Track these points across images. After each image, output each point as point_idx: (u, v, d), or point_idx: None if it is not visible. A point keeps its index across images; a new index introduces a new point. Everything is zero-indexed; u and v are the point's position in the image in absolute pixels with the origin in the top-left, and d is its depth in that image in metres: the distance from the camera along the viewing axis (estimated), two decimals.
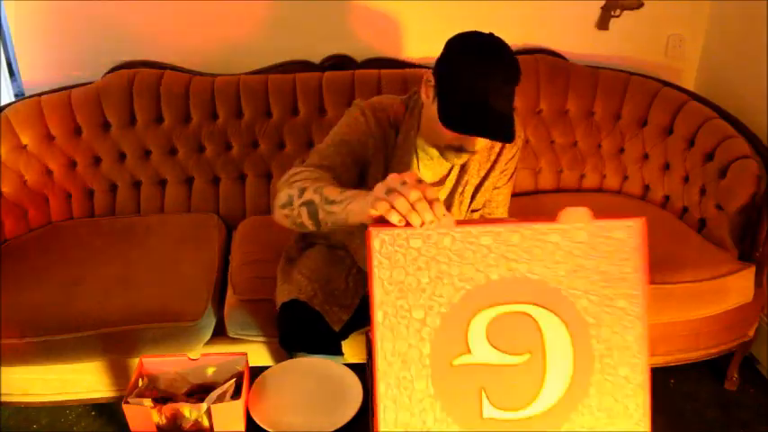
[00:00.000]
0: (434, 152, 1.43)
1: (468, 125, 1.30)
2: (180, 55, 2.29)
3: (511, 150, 1.54)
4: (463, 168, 1.52)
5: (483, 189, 1.56)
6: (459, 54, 1.32)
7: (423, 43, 2.36)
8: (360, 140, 1.43)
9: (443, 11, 2.32)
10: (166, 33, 2.28)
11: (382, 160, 1.47)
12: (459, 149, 1.37)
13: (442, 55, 1.36)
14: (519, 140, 1.55)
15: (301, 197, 1.19)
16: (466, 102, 1.29)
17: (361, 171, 1.45)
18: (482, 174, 1.55)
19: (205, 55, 2.31)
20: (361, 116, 1.45)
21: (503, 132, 1.30)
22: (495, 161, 1.54)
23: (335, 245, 1.71)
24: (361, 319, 1.52)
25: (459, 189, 1.53)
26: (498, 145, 1.52)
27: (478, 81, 1.28)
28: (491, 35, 1.33)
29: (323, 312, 1.52)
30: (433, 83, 1.36)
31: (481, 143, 1.38)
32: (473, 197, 1.56)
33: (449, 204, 1.54)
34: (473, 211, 1.58)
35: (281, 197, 1.25)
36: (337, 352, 1.57)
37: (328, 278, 1.59)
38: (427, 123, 1.41)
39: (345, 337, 1.59)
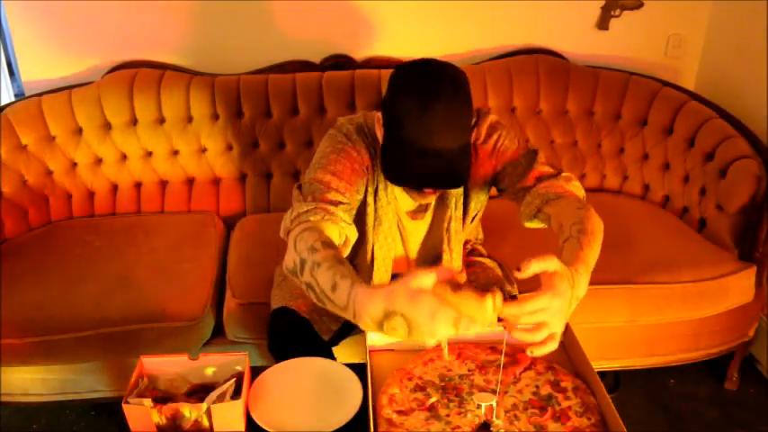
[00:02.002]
0: None
1: (407, 179, 1.24)
2: (180, 55, 2.29)
3: (492, 140, 1.42)
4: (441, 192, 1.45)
5: (472, 194, 1.48)
6: (397, 98, 1.23)
7: (423, 43, 2.36)
8: (354, 172, 1.35)
9: (443, 11, 2.32)
10: (166, 33, 2.28)
11: (371, 188, 1.42)
12: (420, 193, 1.33)
13: (386, 94, 1.28)
14: (485, 126, 1.42)
15: (302, 274, 1.11)
16: (403, 153, 1.22)
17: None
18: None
19: (205, 55, 2.31)
20: (347, 144, 1.37)
21: (445, 180, 1.24)
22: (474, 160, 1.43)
23: None
24: (352, 327, 1.51)
25: (448, 211, 1.47)
26: None
27: (417, 130, 1.20)
28: (430, 67, 1.24)
29: (312, 321, 1.51)
30: (381, 122, 1.30)
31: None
32: (465, 206, 1.49)
33: (438, 228, 1.49)
34: (474, 217, 1.52)
35: (288, 261, 1.17)
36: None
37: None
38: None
39: (336, 344, 1.58)
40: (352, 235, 1.29)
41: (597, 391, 1.18)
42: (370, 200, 1.43)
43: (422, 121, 1.19)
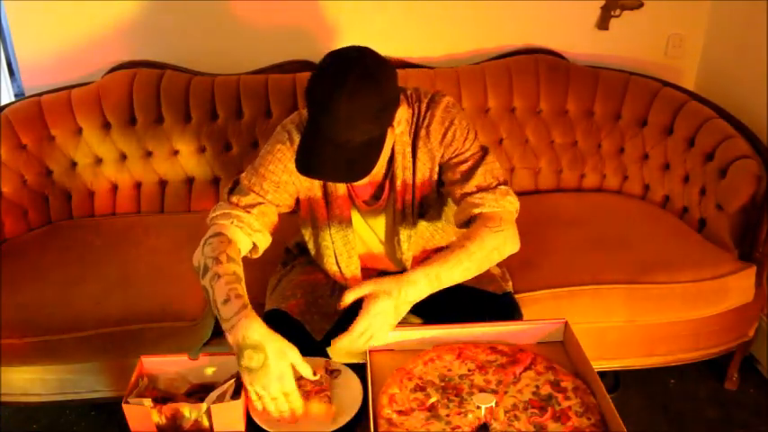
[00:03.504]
0: None
1: (302, 168, 1.23)
2: (180, 55, 2.29)
3: (437, 134, 1.40)
4: (392, 177, 1.45)
5: (419, 185, 1.45)
6: (307, 87, 1.23)
7: (423, 43, 2.37)
8: (285, 171, 1.39)
9: (443, 11, 2.32)
10: (166, 33, 2.28)
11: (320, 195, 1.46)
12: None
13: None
14: (440, 110, 1.40)
15: (203, 278, 1.24)
16: (305, 141, 1.24)
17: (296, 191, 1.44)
18: (409, 171, 1.44)
19: (205, 55, 2.31)
20: (286, 143, 1.40)
21: (340, 173, 1.24)
22: (416, 142, 1.42)
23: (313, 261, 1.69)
24: (345, 327, 1.50)
25: (399, 197, 1.46)
26: (412, 125, 1.41)
27: (317, 119, 1.21)
28: (341, 56, 1.24)
29: (303, 322, 1.50)
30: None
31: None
32: (414, 202, 1.47)
33: (400, 223, 1.48)
34: (420, 216, 1.50)
35: (195, 260, 1.30)
36: None
37: (314, 286, 1.57)
38: None
39: (328, 344, 1.57)
40: (262, 242, 1.38)
41: (597, 391, 1.18)
42: (319, 192, 1.46)
43: (324, 111, 1.19)
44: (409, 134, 1.43)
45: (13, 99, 2.79)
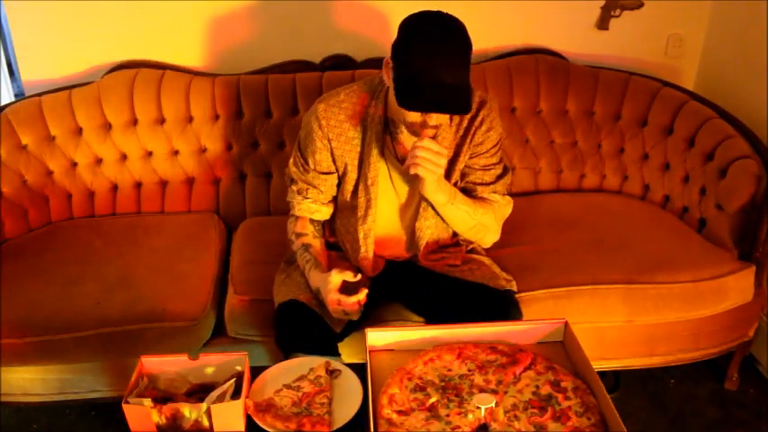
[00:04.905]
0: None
1: (420, 103, 1.38)
2: (180, 55, 2.29)
3: (482, 131, 1.59)
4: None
5: (456, 167, 1.61)
6: (409, 35, 1.39)
7: None
8: (319, 151, 1.59)
9: (443, 11, 2.31)
10: (166, 33, 2.28)
11: (355, 160, 1.59)
12: (423, 125, 1.44)
13: (397, 38, 1.42)
14: (489, 114, 1.60)
15: (292, 246, 1.67)
16: (417, 80, 1.36)
17: (339, 170, 1.63)
18: (452, 150, 1.59)
19: (205, 55, 2.31)
20: (315, 124, 1.57)
21: (455, 105, 1.38)
22: (465, 138, 1.59)
23: (335, 245, 1.71)
24: (360, 319, 1.52)
25: None
26: (464, 120, 1.58)
27: (428, 59, 1.34)
28: (439, 13, 1.41)
29: (322, 314, 1.52)
30: (391, 64, 1.44)
31: (442, 117, 1.49)
32: (447, 173, 1.59)
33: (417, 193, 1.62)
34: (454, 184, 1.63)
35: (288, 233, 1.70)
36: (334, 353, 1.56)
37: None
38: (392, 105, 1.49)
39: (343, 338, 1.59)
40: (322, 215, 1.67)
41: (597, 391, 1.18)
42: (366, 150, 1.58)
43: (436, 54, 1.35)
44: (459, 126, 1.59)
45: (13, 99, 2.79)
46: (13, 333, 1.68)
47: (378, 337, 1.33)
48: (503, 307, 1.56)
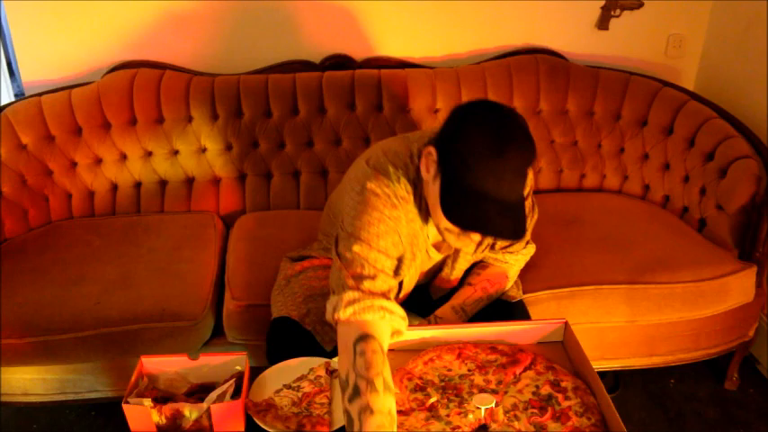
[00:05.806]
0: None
1: (474, 223, 1.18)
2: (180, 55, 2.29)
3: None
4: None
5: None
6: (467, 139, 1.17)
7: (423, 43, 2.36)
8: (399, 242, 1.31)
9: (444, 11, 2.32)
10: (166, 33, 2.28)
11: (409, 245, 1.38)
12: (459, 235, 1.27)
13: (448, 132, 1.22)
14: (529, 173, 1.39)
15: (352, 400, 1.11)
16: (471, 195, 1.16)
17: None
18: None
19: (205, 55, 2.31)
20: (393, 210, 1.30)
21: (510, 230, 1.19)
22: None
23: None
24: None
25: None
26: None
27: (488, 175, 1.15)
28: (504, 112, 1.21)
29: (314, 333, 1.48)
30: (434, 158, 1.23)
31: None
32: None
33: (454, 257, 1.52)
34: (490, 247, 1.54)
35: (344, 367, 1.16)
36: None
37: (323, 296, 1.56)
38: (427, 200, 1.30)
39: (333, 356, 1.57)
40: (402, 326, 1.26)
41: (597, 391, 1.18)
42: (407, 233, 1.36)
43: (495, 166, 1.15)
44: None
45: (13, 99, 2.78)
46: (13, 333, 1.68)
47: None
48: (512, 315, 1.55)
